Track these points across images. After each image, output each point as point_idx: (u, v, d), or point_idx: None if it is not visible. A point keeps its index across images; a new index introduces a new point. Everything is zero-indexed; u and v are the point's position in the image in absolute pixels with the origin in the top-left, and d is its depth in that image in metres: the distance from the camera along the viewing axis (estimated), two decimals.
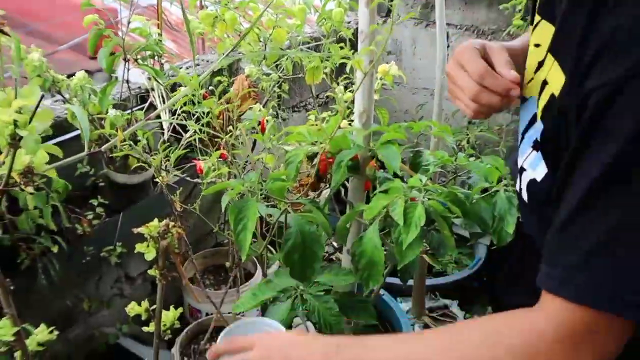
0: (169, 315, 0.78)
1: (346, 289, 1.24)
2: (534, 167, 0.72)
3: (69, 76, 1.41)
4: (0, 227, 1.23)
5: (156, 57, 1.61)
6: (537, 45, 0.74)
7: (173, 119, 1.53)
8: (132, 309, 0.76)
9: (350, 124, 1.39)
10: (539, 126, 0.70)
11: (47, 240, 1.25)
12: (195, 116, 1.51)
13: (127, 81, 1.65)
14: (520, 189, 0.79)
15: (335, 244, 2.52)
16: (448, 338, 0.69)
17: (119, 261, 1.86)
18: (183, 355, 1.69)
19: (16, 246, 1.25)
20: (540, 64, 0.72)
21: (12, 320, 0.79)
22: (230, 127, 1.42)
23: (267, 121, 1.43)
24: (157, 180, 1.50)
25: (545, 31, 0.70)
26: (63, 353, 1.64)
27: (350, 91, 1.39)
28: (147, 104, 1.72)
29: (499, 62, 0.77)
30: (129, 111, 1.55)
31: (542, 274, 0.62)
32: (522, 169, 0.77)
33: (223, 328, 1.83)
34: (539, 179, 0.71)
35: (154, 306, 0.76)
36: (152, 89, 1.71)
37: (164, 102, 1.65)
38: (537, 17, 0.75)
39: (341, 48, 1.31)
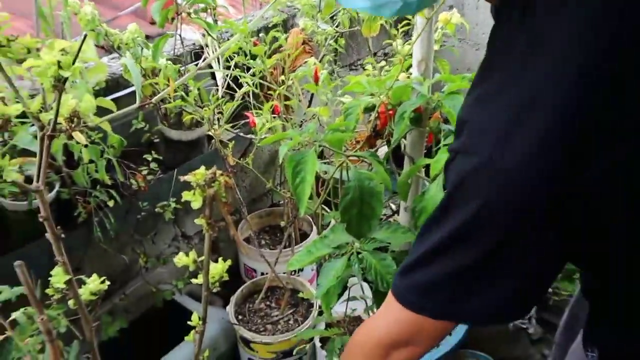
0: (217, 268, 0.75)
1: (404, 248, 1.19)
2: None
3: None
4: (58, 180, 1.24)
5: (209, 11, 1.57)
6: None
7: (226, 72, 1.50)
8: (180, 259, 0.73)
9: (408, 78, 1.31)
10: None
11: (103, 194, 1.25)
12: (250, 71, 1.48)
13: (181, 37, 1.62)
14: None
15: (393, 206, 2.46)
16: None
17: (174, 218, 1.88)
18: (238, 313, 1.69)
19: (73, 200, 1.26)
20: None
21: (64, 269, 0.78)
22: (283, 78, 1.37)
23: (320, 73, 1.37)
24: (211, 136, 1.49)
25: None
26: (121, 308, 1.68)
27: (409, 44, 1.31)
28: (201, 60, 1.69)
29: None
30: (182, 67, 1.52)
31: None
32: None
33: (277, 288, 1.83)
34: None
35: (202, 258, 0.72)
36: (206, 45, 1.67)
37: (218, 59, 1.61)
38: None
39: None
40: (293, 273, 1.87)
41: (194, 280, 0.81)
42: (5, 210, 1.18)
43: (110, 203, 1.31)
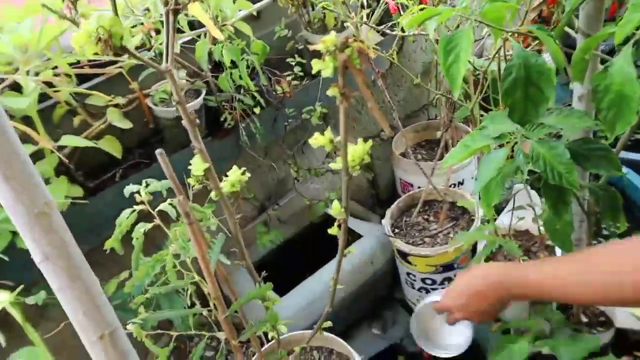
0: (358, 149, 0.67)
1: (579, 135, 1.01)
2: None
3: None
4: (204, 87, 1.25)
5: None
6: None
7: None
8: (316, 139, 0.67)
9: None
10: None
11: (247, 97, 1.24)
12: None
13: None
14: None
15: None
16: (583, 263, 0.84)
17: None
18: (394, 227, 1.63)
19: (220, 107, 1.27)
20: None
21: (202, 157, 0.76)
22: None
23: None
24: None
25: None
26: (275, 218, 1.71)
27: None
28: None
29: None
30: None
31: None
32: None
33: (435, 201, 1.73)
34: None
35: (339, 137, 0.65)
36: None
37: None
38: None
39: None
40: (453, 186, 1.75)
41: (332, 165, 0.75)
42: (158, 118, 1.23)
43: (257, 110, 1.30)
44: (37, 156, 1.08)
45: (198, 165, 0.79)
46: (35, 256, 0.54)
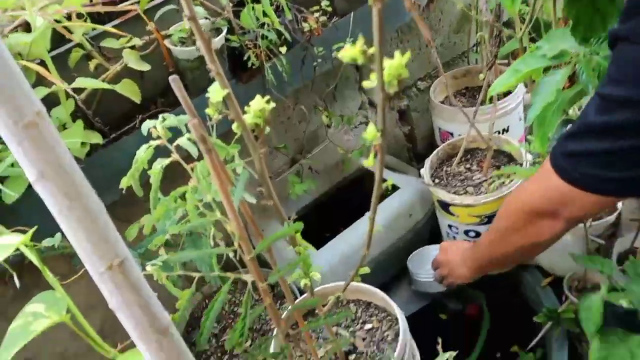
0: (394, 63, 0.58)
1: None
2: None
3: None
4: (225, 24, 1.17)
5: None
6: None
7: None
8: (346, 51, 0.58)
9: None
10: None
11: (271, 32, 1.15)
12: None
13: None
14: None
15: None
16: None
17: (359, 83, 1.76)
18: (434, 177, 1.54)
19: (243, 46, 1.19)
20: None
21: (220, 81, 0.69)
22: None
23: None
24: None
25: None
26: (308, 169, 1.64)
27: None
28: None
29: None
30: None
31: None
32: None
33: (478, 149, 1.63)
34: None
35: (372, 49, 0.57)
36: None
37: None
38: None
39: None
40: (497, 133, 1.64)
41: (364, 84, 0.66)
42: (178, 60, 1.16)
43: (283, 49, 1.21)
44: (52, 102, 1.03)
45: (216, 91, 0.71)
46: (30, 175, 0.47)
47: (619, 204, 1.32)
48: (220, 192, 0.66)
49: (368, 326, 1.08)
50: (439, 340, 0.78)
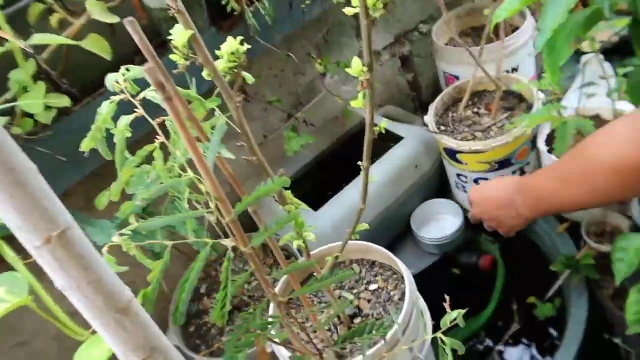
0: None
1: None
2: None
3: None
4: None
5: None
6: None
7: None
8: None
9: None
10: None
11: None
12: None
13: None
14: None
15: None
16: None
17: (356, 30, 1.66)
18: (440, 124, 1.46)
19: None
20: None
21: (183, 19, 0.60)
22: None
23: None
24: None
25: None
26: (303, 122, 1.56)
27: None
28: None
29: None
30: None
31: None
32: None
33: (486, 92, 1.54)
34: None
35: None
36: None
37: None
38: None
39: None
40: (506, 73, 1.54)
41: (348, 11, 0.57)
42: (151, 11, 1.07)
43: None
44: (13, 65, 0.94)
45: (180, 33, 0.63)
46: None
47: None
48: (188, 146, 0.58)
49: (373, 287, 1.02)
50: (447, 298, 0.71)
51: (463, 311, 0.69)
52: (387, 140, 1.54)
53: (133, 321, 0.48)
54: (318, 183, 1.65)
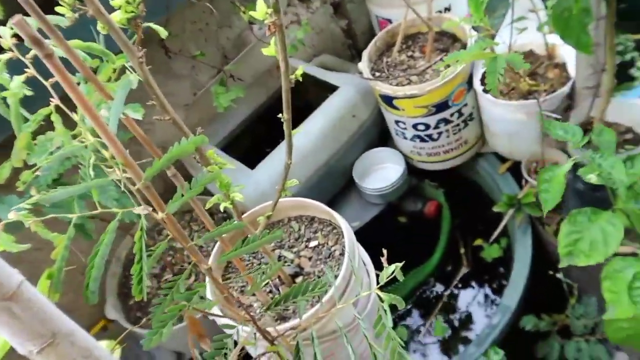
0: None
1: None
2: None
3: None
4: None
5: None
6: None
7: None
8: None
9: None
10: None
11: None
12: None
13: None
14: None
15: None
16: None
17: None
18: (374, 70, 1.42)
19: None
20: None
21: None
22: None
23: None
24: None
25: None
26: (233, 78, 1.49)
27: None
28: None
29: None
30: None
31: None
32: None
33: (419, 34, 1.50)
34: None
35: None
36: None
37: None
38: None
39: None
40: (438, 13, 1.51)
41: None
42: None
43: None
44: None
45: None
46: None
47: (572, 73, 1.22)
48: (80, 107, 0.52)
49: (313, 243, 0.99)
50: (384, 252, 0.68)
51: (399, 264, 0.66)
52: (326, 91, 1.49)
53: (25, 307, 0.43)
54: (258, 139, 1.60)
